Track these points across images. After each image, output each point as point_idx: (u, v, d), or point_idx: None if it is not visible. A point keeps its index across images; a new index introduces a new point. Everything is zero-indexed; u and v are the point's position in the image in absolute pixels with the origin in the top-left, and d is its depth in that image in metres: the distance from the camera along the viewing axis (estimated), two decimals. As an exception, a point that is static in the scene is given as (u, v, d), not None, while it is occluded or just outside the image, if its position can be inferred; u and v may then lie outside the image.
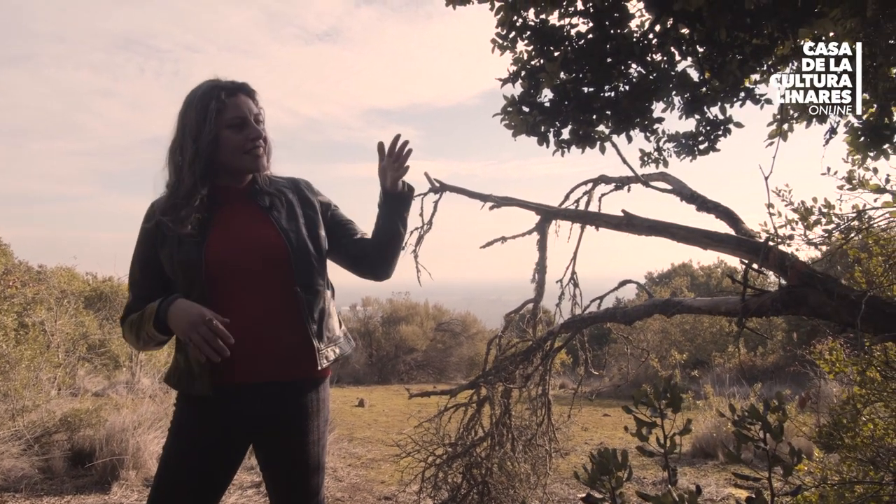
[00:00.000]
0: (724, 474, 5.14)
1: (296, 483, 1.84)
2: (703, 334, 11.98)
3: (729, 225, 3.01)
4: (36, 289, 6.92)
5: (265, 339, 1.76)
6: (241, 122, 1.78)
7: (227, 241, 1.76)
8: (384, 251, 1.93)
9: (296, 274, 1.78)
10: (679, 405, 1.54)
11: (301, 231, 1.84)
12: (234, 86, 1.81)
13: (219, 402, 1.75)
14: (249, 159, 1.81)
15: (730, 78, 2.38)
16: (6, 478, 4.22)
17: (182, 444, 1.77)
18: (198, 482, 1.75)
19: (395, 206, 1.89)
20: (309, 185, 2.00)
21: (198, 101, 1.77)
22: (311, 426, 1.84)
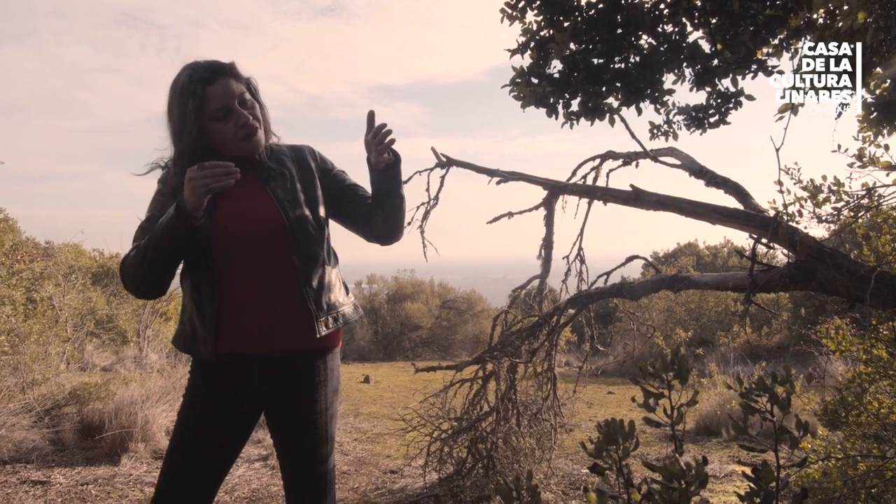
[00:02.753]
0: (728, 451, 5.16)
1: (305, 451, 1.85)
2: (709, 313, 11.97)
3: (738, 200, 2.99)
4: (43, 264, 6.95)
5: (267, 309, 1.76)
6: (224, 113, 1.74)
7: (232, 214, 1.76)
8: (388, 218, 1.89)
9: (293, 244, 1.77)
10: (686, 377, 1.53)
11: (299, 201, 1.83)
12: (211, 71, 1.74)
13: (227, 369, 1.78)
14: (245, 145, 1.79)
15: (742, 49, 2.35)
16: (18, 449, 4.28)
17: (194, 408, 1.80)
18: (210, 446, 1.77)
19: (383, 177, 1.83)
20: (312, 152, 1.97)
21: (178, 96, 1.73)
22: (319, 395, 1.85)
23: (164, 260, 1.71)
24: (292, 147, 1.96)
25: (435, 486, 3.96)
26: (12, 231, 7.13)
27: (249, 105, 1.79)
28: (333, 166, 2.00)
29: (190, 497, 1.75)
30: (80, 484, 3.90)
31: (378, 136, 1.74)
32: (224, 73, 1.77)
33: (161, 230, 1.64)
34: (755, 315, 11.57)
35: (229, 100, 1.75)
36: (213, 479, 1.80)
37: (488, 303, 15.17)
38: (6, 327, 4.78)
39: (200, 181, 1.56)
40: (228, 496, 3.83)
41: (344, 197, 1.95)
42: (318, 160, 1.96)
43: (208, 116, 1.74)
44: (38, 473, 4.03)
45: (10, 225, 7.10)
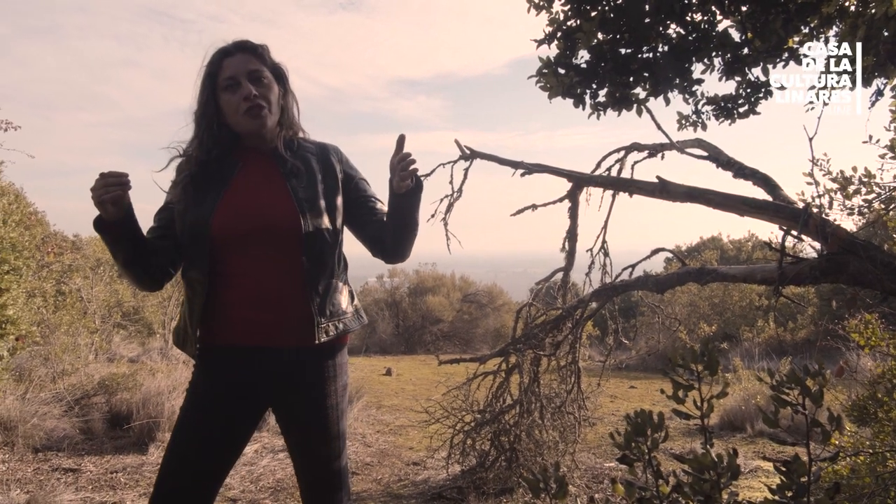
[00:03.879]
0: (753, 447, 5.11)
1: (316, 449, 1.83)
2: (733, 308, 11.83)
3: (766, 192, 2.94)
4: (72, 257, 7.07)
5: (266, 305, 1.74)
6: (233, 83, 1.75)
7: (238, 206, 1.74)
8: (398, 240, 1.86)
9: (305, 246, 1.74)
10: (716, 368, 1.52)
11: (318, 203, 1.79)
12: (235, 45, 1.78)
13: (228, 363, 1.76)
14: (246, 120, 1.76)
15: (773, 37, 2.30)
16: (49, 437, 4.37)
17: (195, 402, 1.77)
18: (209, 439, 1.73)
19: (402, 202, 1.79)
20: (337, 153, 1.94)
21: (201, 69, 1.78)
22: (328, 391, 1.82)
23: (123, 262, 1.73)
24: (319, 145, 1.93)
25: (458, 478, 3.98)
26: (41, 224, 7.26)
27: (264, 84, 1.78)
28: (357, 173, 1.96)
29: (188, 488, 1.71)
30: (109, 472, 3.98)
31: (403, 161, 1.72)
32: (246, 49, 1.78)
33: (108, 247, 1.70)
34: (780, 310, 11.41)
35: (239, 71, 1.75)
36: (212, 471, 1.75)
37: (509, 296, 15.14)
38: (37, 318, 4.88)
39: (94, 192, 1.58)
40: (254, 486, 3.88)
41: (361, 208, 1.92)
42: (343, 163, 1.93)
43: (220, 86, 1.76)
44: (70, 461, 4.11)
45: (40, 218, 7.23)
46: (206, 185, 1.77)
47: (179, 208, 1.77)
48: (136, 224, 1.69)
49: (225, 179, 1.78)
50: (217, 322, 1.76)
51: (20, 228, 4.11)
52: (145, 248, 1.73)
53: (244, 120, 1.76)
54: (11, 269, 3.86)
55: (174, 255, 1.81)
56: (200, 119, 1.79)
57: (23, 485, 3.64)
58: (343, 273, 1.91)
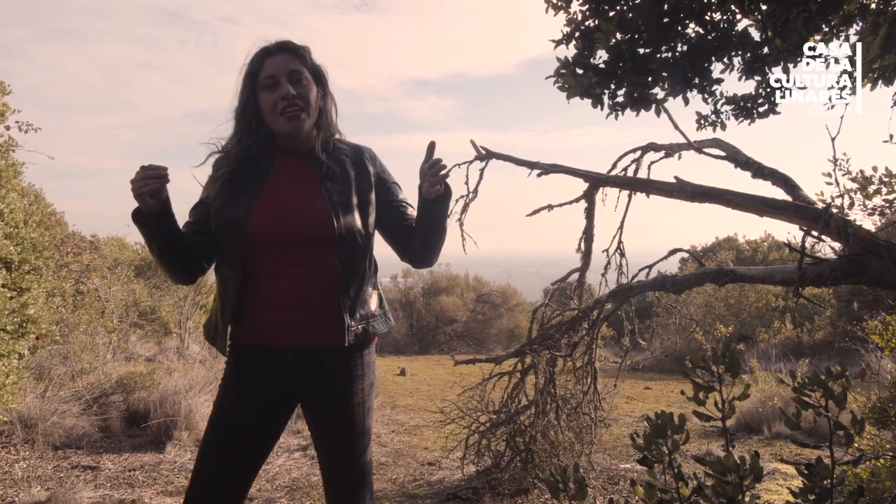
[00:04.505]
0: (770, 449, 5.06)
1: (343, 445, 1.85)
2: (749, 309, 11.72)
3: (786, 192, 2.92)
4: (90, 257, 7.14)
5: (297, 307, 1.76)
6: (272, 83, 1.77)
7: (273, 208, 1.76)
8: (427, 245, 1.89)
9: (339, 250, 1.76)
10: (738, 370, 1.50)
11: (351, 207, 1.81)
12: (277, 45, 1.80)
13: (259, 360, 1.79)
14: (283, 121, 1.77)
15: (794, 36, 2.28)
16: (69, 435, 4.42)
17: (228, 397, 1.81)
18: (242, 434, 1.76)
19: (432, 208, 1.82)
20: (372, 156, 1.95)
21: (244, 65, 1.81)
22: (355, 389, 1.85)
23: (158, 254, 1.75)
24: (353, 147, 1.94)
25: (473, 478, 3.98)
26: (60, 225, 7.34)
27: (303, 84, 1.79)
28: (389, 177, 1.97)
29: (223, 485, 1.75)
30: (127, 470, 4.02)
31: (434, 167, 1.73)
32: (287, 49, 1.81)
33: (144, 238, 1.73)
34: (797, 311, 11.30)
35: (279, 71, 1.77)
36: (246, 467, 1.79)
37: (523, 297, 15.12)
38: (57, 317, 4.94)
39: (134, 185, 1.60)
40: (269, 485, 3.90)
41: (392, 213, 1.93)
42: (376, 166, 1.94)
43: (259, 85, 1.78)
44: (88, 459, 4.16)
45: (59, 219, 7.31)
46: (242, 183, 1.79)
47: (216, 205, 1.79)
48: (172, 218, 1.71)
49: (261, 180, 1.80)
50: (248, 321, 1.79)
51: (40, 229, 4.16)
52: (181, 241, 1.76)
53: (281, 121, 1.78)
54: (32, 268, 3.90)
55: (208, 250, 1.84)
56: (240, 116, 1.82)
57: (43, 482, 3.69)
58: (373, 276, 1.93)
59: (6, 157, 3.80)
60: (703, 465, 1.39)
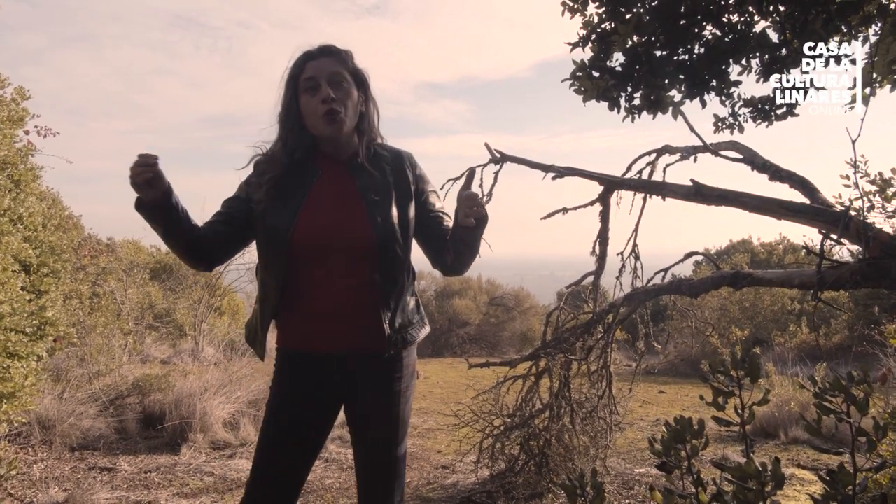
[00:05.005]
0: (787, 454, 5.01)
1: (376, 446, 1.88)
2: (764, 312, 11.62)
3: (804, 195, 2.89)
4: (107, 259, 7.21)
5: (338, 317, 1.79)
6: (313, 85, 1.78)
7: (315, 218, 1.78)
8: (459, 261, 1.89)
9: (377, 262, 1.78)
10: (758, 375, 1.49)
11: (391, 218, 1.81)
12: (320, 49, 1.82)
13: (305, 363, 1.84)
14: (322, 124, 1.78)
15: (813, 38, 2.27)
16: (85, 436, 4.46)
17: (277, 399, 1.87)
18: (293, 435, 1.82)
19: (466, 234, 1.79)
20: (411, 162, 1.95)
21: (286, 69, 1.83)
22: (394, 390, 1.88)
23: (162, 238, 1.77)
24: (393, 152, 1.94)
25: (486, 482, 3.96)
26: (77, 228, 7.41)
27: (343, 88, 1.80)
28: (428, 184, 1.97)
29: (281, 482, 1.82)
30: (143, 471, 4.05)
31: (471, 200, 1.71)
32: (329, 53, 1.82)
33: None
34: (812, 315, 11.20)
35: (320, 74, 1.78)
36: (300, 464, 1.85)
37: (536, 300, 15.08)
38: (74, 320, 4.98)
39: (130, 176, 1.63)
40: (284, 487, 3.91)
41: (429, 222, 1.93)
42: (416, 174, 1.94)
43: (300, 88, 1.80)
44: (105, 460, 4.19)
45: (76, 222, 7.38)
46: (285, 190, 1.81)
47: (259, 209, 1.81)
48: (175, 208, 1.71)
49: (304, 188, 1.82)
50: (290, 328, 1.85)
51: (59, 232, 4.20)
52: (189, 230, 1.76)
53: (321, 124, 1.79)
54: (51, 271, 3.94)
55: (231, 245, 1.87)
56: (285, 120, 1.84)
57: (61, 482, 3.72)
58: (412, 284, 1.96)
59: (25, 162, 3.85)
60: (722, 470, 1.38)
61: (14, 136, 3.69)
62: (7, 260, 3.20)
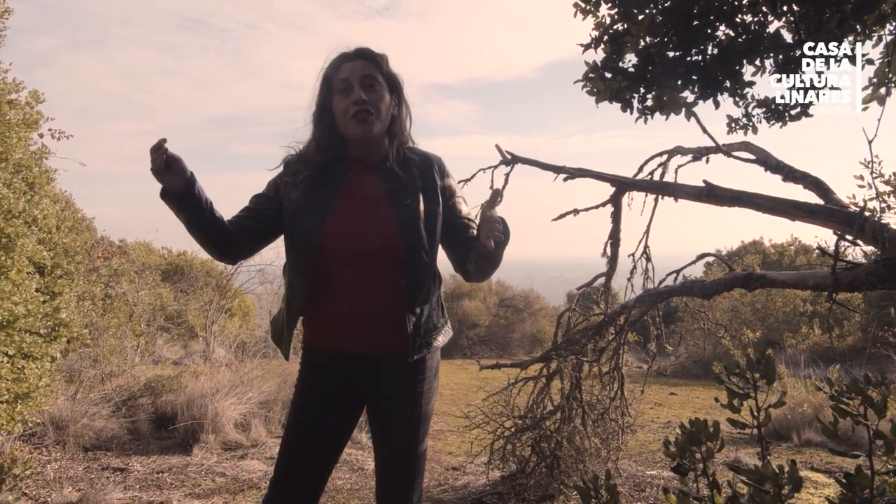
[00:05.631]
0: (800, 457, 4.97)
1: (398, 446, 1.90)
2: (776, 314, 11.55)
3: (818, 195, 2.87)
4: (119, 261, 7.26)
5: (364, 319, 1.82)
6: (346, 87, 1.80)
7: (345, 222, 1.80)
8: (480, 271, 1.90)
9: (404, 268, 1.80)
10: (774, 377, 1.48)
11: (418, 224, 1.82)
12: (356, 51, 1.85)
13: (330, 363, 1.86)
14: (353, 125, 1.80)
15: (828, 37, 2.25)
16: (98, 437, 4.49)
17: (303, 398, 1.88)
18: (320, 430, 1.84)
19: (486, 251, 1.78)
20: (441, 166, 1.96)
21: (322, 69, 1.86)
22: (417, 391, 1.89)
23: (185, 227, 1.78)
24: (423, 156, 1.95)
25: (497, 483, 3.96)
26: (89, 230, 7.46)
27: (376, 91, 1.82)
28: (455, 190, 1.98)
29: (304, 480, 1.83)
30: (155, 472, 4.07)
31: (491, 223, 1.71)
32: (365, 56, 1.85)
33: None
34: (826, 316, 11.12)
35: (353, 75, 1.80)
36: (324, 463, 1.87)
37: (546, 301, 15.05)
38: (87, 321, 5.01)
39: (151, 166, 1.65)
40: (296, 488, 3.92)
41: (455, 228, 1.94)
42: (444, 179, 1.95)
43: (334, 88, 1.82)
44: (118, 461, 4.22)
45: (88, 224, 7.44)
46: (316, 192, 1.83)
47: (290, 209, 1.83)
48: (197, 197, 1.73)
49: (334, 191, 1.83)
50: (317, 328, 1.87)
51: (72, 234, 4.23)
52: (212, 221, 1.78)
53: (351, 124, 1.81)
54: (64, 273, 3.97)
55: (257, 241, 1.89)
56: (318, 120, 1.87)
57: (74, 482, 3.75)
58: (437, 289, 1.97)
59: (39, 165, 3.88)
60: (737, 473, 1.37)
61: (28, 140, 3.72)
62: (22, 262, 3.22)
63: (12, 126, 3.29)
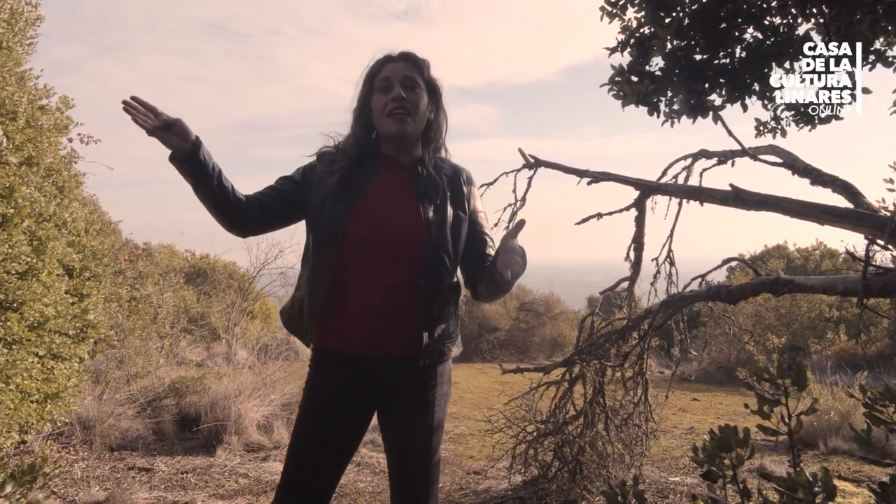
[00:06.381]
0: (827, 465, 4.89)
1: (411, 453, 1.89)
2: (801, 319, 11.37)
3: (847, 199, 2.83)
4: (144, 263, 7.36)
5: (382, 316, 1.79)
6: (387, 85, 1.83)
7: (372, 216, 1.80)
8: (491, 294, 1.90)
9: (427, 268, 1.79)
10: (805, 384, 1.46)
11: (445, 228, 1.84)
12: (401, 54, 1.89)
13: (340, 364, 1.83)
14: (389, 122, 1.82)
15: (859, 40, 2.22)
16: (124, 437, 4.55)
17: (311, 401, 1.86)
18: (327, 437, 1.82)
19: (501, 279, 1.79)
20: (469, 179, 1.98)
21: (366, 68, 1.90)
22: (429, 398, 1.88)
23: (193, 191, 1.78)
24: (453, 167, 1.97)
25: (519, 488, 3.94)
26: (114, 233, 7.58)
27: (415, 92, 1.86)
28: (479, 205, 2.00)
29: (311, 488, 1.81)
30: (180, 472, 4.11)
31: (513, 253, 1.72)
32: (408, 59, 1.89)
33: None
34: (851, 322, 10.94)
35: (395, 75, 1.84)
36: (331, 470, 1.84)
37: (566, 305, 14.98)
38: (113, 322, 5.09)
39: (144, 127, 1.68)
40: (318, 490, 3.93)
41: (473, 243, 1.95)
42: (471, 192, 1.97)
43: (375, 86, 1.86)
44: (143, 461, 4.27)
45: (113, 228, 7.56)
46: (349, 183, 1.85)
47: (319, 198, 1.84)
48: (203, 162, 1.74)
49: (363, 184, 1.84)
50: (332, 324, 1.83)
51: (100, 237, 4.30)
52: (220, 187, 1.78)
53: (387, 122, 1.84)
54: (92, 275, 4.04)
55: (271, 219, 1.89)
56: (358, 115, 1.91)
57: (101, 482, 3.80)
58: (455, 298, 1.96)
59: (69, 169, 3.95)
60: (769, 480, 1.35)
61: (58, 144, 3.79)
62: (53, 264, 3.29)
63: (44, 131, 3.36)
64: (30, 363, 3.15)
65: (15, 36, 3.25)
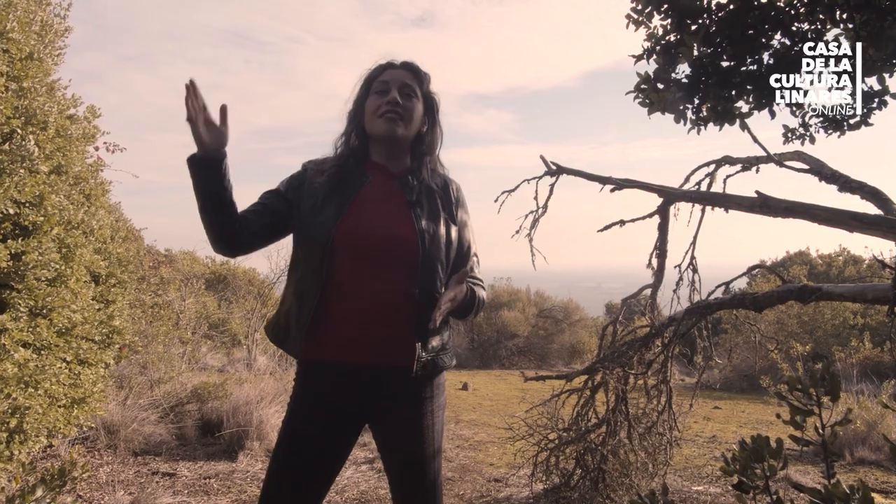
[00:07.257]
0: (853, 475, 4.81)
1: (410, 466, 1.84)
2: (825, 326, 11.21)
3: (877, 206, 2.79)
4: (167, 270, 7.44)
5: (373, 325, 1.74)
6: (384, 89, 1.84)
7: (361, 223, 1.76)
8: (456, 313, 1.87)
9: (419, 277, 1.76)
10: (838, 394, 1.43)
11: (437, 237, 1.81)
12: (401, 62, 1.90)
13: (328, 377, 1.77)
14: (380, 122, 1.82)
15: (889, 45, 2.19)
16: (147, 442, 4.59)
17: (296, 415, 1.81)
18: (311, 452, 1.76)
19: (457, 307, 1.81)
20: (459, 192, 1.98)
21: (366, 71, 1.91)
22: (425, 411, 1.83)
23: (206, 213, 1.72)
24: (444, 179, 1.96)
25: (540, 496, 3.93)
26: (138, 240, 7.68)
27: (411, 99, 1.86)
28: (467, 218, 1.98)
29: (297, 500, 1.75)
30: (202, 477, 4.14)
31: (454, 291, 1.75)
32: (409, 69, 1.90)
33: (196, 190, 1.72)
34: (876, 329, 10.77)
35: (393, 80, 1.85)
36: (315, 487, 1.78)
37: (585, 312, 14.89)
38: (136, 328, 5.15)
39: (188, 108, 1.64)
40: (339, 496, 3.95)
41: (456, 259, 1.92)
42: (461, 205, 1.96)
43: (372, 89, 1.87)
44: (166, 466, 4.31)
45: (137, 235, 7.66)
46: (337, 187, 1.83)
47: (307, 204, 1.80)
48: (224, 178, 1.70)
49: (352, 190, 1.82)
50: (321, 334, 1.75)
51: (125, 244, 4.36)
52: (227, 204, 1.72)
53: (378, 122, 1.83)
54: (118, 282, 4.09)
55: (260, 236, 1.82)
56: (352, 116, 1.92)
57: (126, 486, 3.83)
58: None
59: (95, 177, 4.01)
60: (802, 492, 1.33)
61: (85, 152, 3.85)
62: (80, 271, 3.33)
63: (73, 140, 3.42)
64: (58, 368, 3.19)
65: (45, 48, 3.32)
